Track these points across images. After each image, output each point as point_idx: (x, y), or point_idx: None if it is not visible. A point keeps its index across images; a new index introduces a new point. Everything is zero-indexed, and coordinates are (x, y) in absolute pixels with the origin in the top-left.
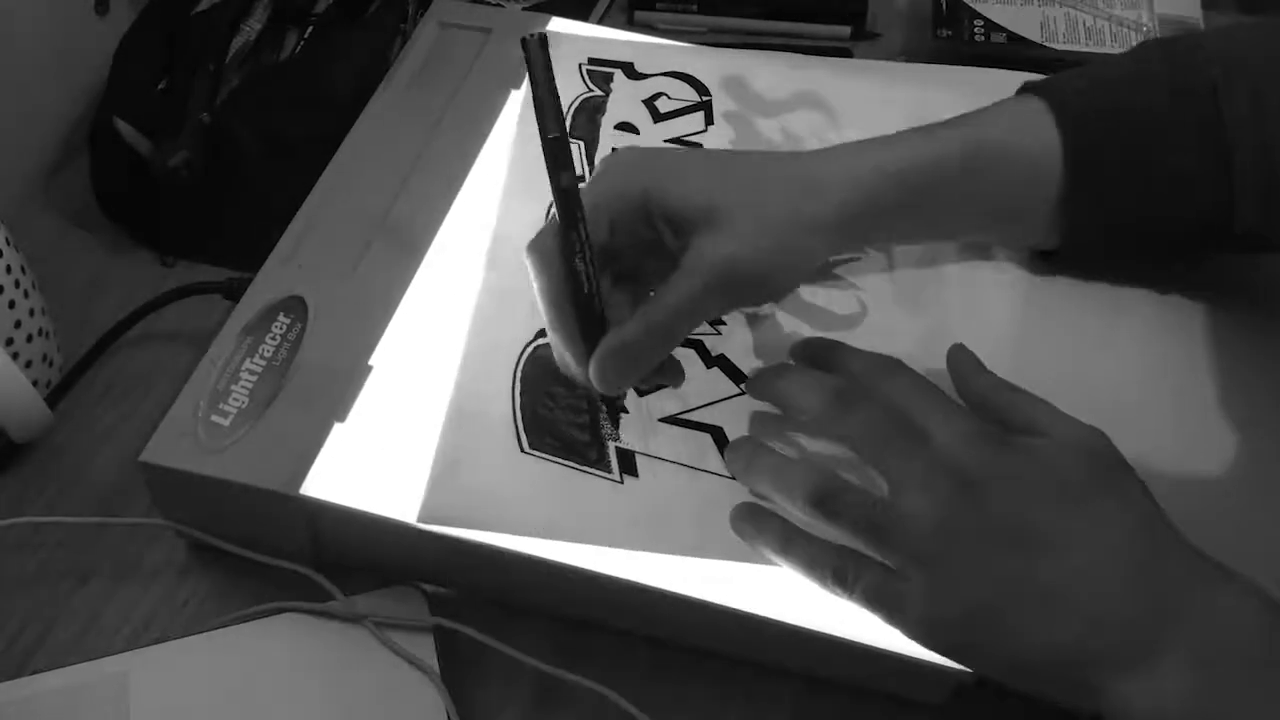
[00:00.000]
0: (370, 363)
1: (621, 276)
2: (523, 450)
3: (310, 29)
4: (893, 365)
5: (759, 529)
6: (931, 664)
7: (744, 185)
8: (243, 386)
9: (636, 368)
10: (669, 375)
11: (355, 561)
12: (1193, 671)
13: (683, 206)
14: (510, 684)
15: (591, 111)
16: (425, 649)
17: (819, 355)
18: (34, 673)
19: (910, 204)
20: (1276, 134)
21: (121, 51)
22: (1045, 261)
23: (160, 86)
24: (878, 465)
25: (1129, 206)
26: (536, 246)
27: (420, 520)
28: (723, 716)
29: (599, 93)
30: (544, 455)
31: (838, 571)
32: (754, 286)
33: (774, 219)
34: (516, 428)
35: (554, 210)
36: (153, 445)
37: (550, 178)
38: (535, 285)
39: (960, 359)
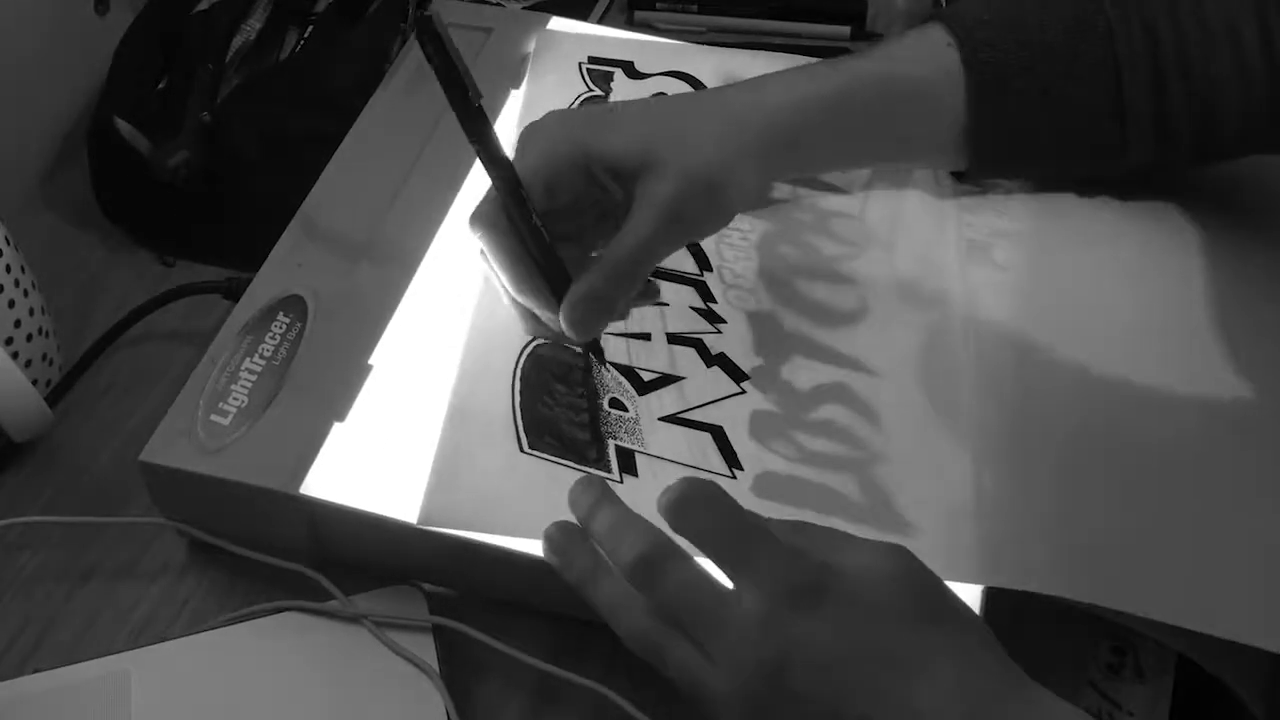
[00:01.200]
0: (370, 363)
1: (562, 237)
2: (522, 450)
3: (310, 29)
4: (704, 509)
5: (566, 559)
6: None
7: (675, 128)
8: (242, 386)
9: (605, 312)
10: (648, 296)
11: (355, 561)
12: None
13: (623, 156)
14: (510, 683)
15: None
16: (425, 648)
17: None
18: (34, 672)
19: (824, 133)
20: (1167, 67)
21: (121, 51)
22: (957, 180)
23: (160, 86)
24: (691, 633)
25: (1028, 140)
26: (480, 215)
27: (420, 522)
28: None
29: (599, 92)
30: (544, 455)
31: (652, 645)
32: (699, 220)
33: (707, 157)
34: (516, 428)
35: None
36: (153, 445)
37: (475, 144)
38: (488, 252)
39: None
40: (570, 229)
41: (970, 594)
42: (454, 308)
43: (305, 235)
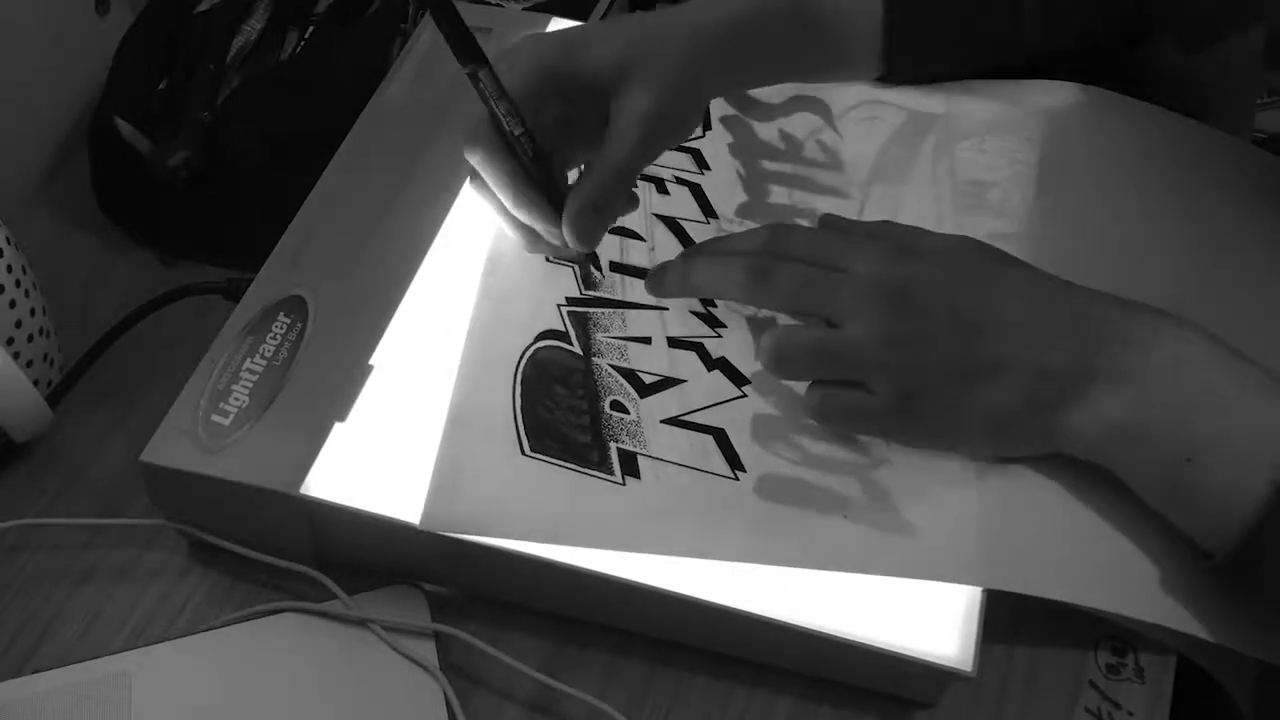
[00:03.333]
0: (370, 363)
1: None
2: (524, 453)
3: (310, 29)
4: (786, 227)
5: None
6: (929, 663)
7: (647, 43)
8: (243, 386)
9: (602, 221)
10: (629, 206)
11: (355, 561)
12: (1121, 387)
13: (599, 72)
14: (510, 683)
15: None
16: (426, 647)
17: (707, 249)
18: (34, 672)
19: (766, 44)
20: None
21: (121, 51)
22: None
23: (160, 86)
24: (816, 312)
25: (938, 39)
26: (475, 138)
27: (422, 527)
28: (723, 717)
29: None
30: (546, 458)
31: (811, 400)
32: (678, 126)
33: (674, 67)
34: (518, 431)
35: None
36: (153, 445)
37: (469, 65)
38: (486, 174)
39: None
40: (543, 144)
41: (971, 595)
42: (455, 308)
43: (305, 235)
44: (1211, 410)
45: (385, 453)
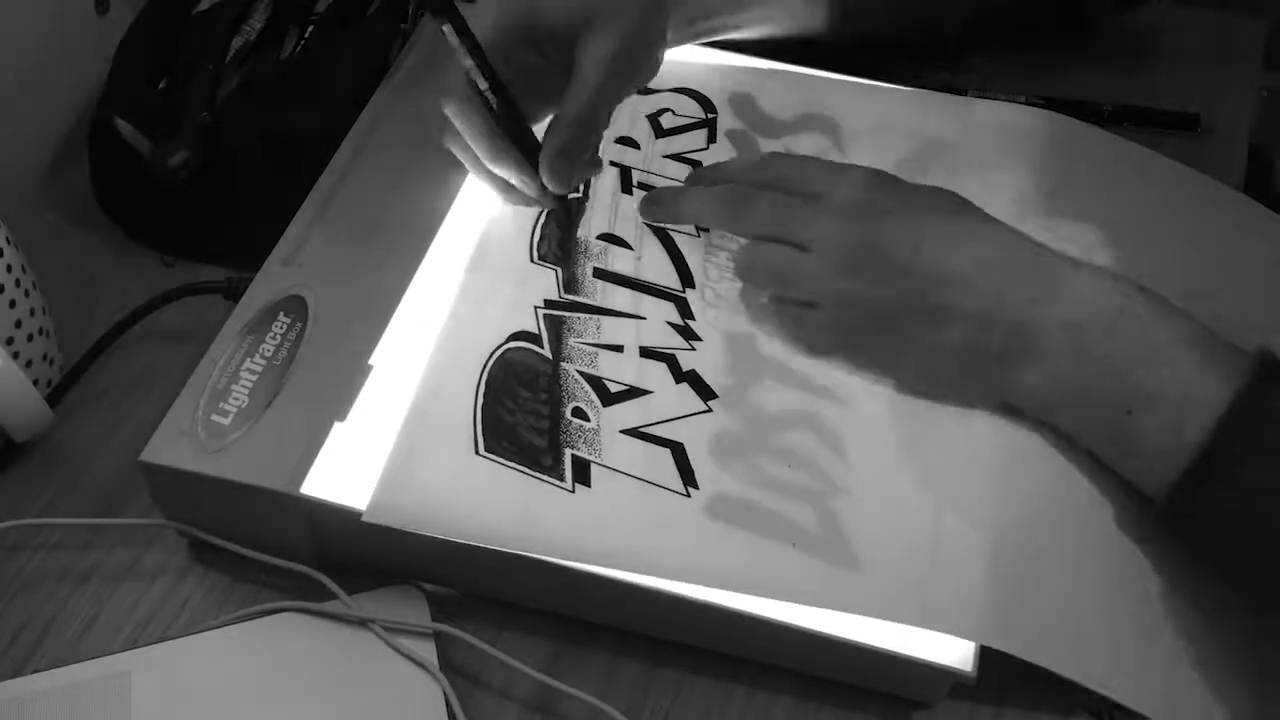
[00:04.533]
0: (370, 363)
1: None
2: (478, 453)
3: (310, 29)
4: (774, 155)
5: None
6: (929, 663)
7: None
8: (243, 386)
9: (576, 162)
10: (594, 167)
11: (355, 561)
12: (1068, 339)
13: (563, 22)
14: (510, 682)
15: None
16: (426, 647)
17: (705, 177)
18: (34, 672)
19: None
20: None
21: (121, 51)
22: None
23: (160, 86)
24: (787, 238)
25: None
26: (452, 93)
27: (367, 518)
28: (723, 717)
29: None
30: (498, 459)
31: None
32: (640, 66)
33: (639, 15)
34: (475, 429)
35: (459, 56)
36: (153, 445)
37: (445, 21)
38: (464, 128)
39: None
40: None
41: None
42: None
43: (305, 235)
44: (1149, 365)
45: (385, 453)
